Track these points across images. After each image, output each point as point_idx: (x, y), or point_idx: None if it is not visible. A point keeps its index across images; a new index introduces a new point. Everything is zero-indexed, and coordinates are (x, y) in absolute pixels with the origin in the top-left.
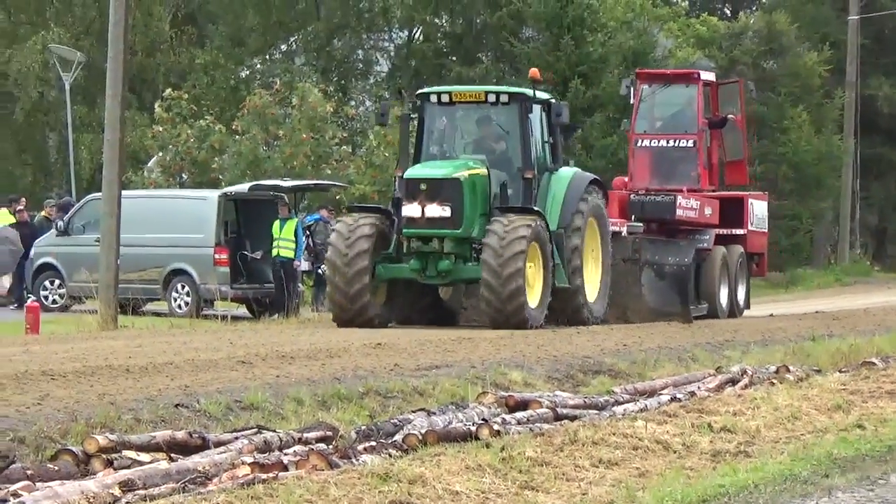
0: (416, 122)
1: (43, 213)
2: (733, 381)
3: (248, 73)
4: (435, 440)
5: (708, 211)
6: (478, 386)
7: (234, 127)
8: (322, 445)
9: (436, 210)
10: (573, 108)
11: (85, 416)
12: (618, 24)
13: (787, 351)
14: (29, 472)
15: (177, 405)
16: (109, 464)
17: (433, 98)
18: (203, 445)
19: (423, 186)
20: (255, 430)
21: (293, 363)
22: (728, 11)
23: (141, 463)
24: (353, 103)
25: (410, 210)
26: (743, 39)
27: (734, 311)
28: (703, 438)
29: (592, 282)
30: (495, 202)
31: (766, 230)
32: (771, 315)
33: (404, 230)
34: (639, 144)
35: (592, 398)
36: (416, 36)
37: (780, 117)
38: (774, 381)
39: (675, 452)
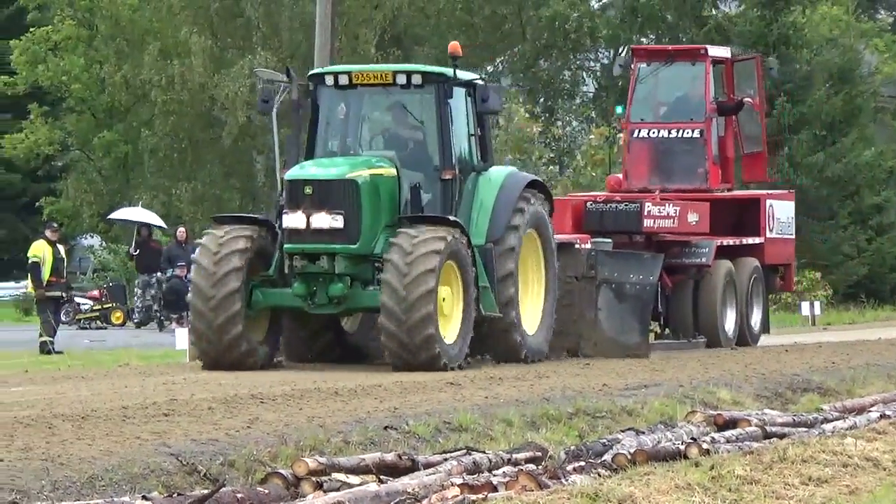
0: (310, 111)
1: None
2: None
3: None
4: (644, 459)
5: (693, 218)
6: (686, 405)
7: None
8: (531, 466)
9: (324, 220)
10: (779, 126)
11: (294, 439)
12: (823, 41)
13: None
14: (239, 495)
15: (386, 427)
16: (319, 486)
17: (328, 80)
18: (412, 467)
19: (307, 190)
20: (465, 451)
21: (501, 384)
22: None
23: (350, 485)
24: (559, 123)
25: (292, 220)
26: None
27: (746, 338)
28: None
29: (532, 309)
30: (407, 210)
31: (793, 236)
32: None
33: (285, 245)
34: (636, 135)
35: (801, 416)
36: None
37: None
38: None
39: (885, 470)
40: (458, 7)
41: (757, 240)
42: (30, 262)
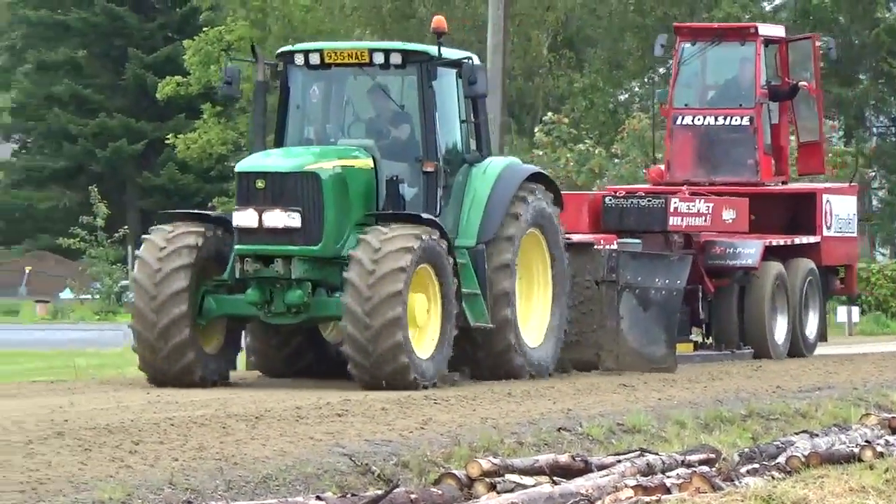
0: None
1: None
2: None
3: (626, 96)
4: (818, 462)
5: (728, 215)
6: (860, 407)
7: (613, 150)
8: (705, 468)
9: (278, 218)
10: None
11: (468, 440)
12: None
13: None
14: (413, 496)
15: (559, 428)
16: (492, 487)
17: (298, 58)
18: (585, 469)
19: (259, 184)
20: (638, 452)
21: (675, 386)
22: None
23: (524, 486)
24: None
25: (243, 217)
26: None
27: (799, 348)
28: None
29: (535, 319)
30: (386, 207)
31: (855, 234)
32: None
33: (236, 246)
34: (679, 122)
35: None
36: None
37: None
38: None
39: None
40: (631, 8)
41: (812, 239)
42: None
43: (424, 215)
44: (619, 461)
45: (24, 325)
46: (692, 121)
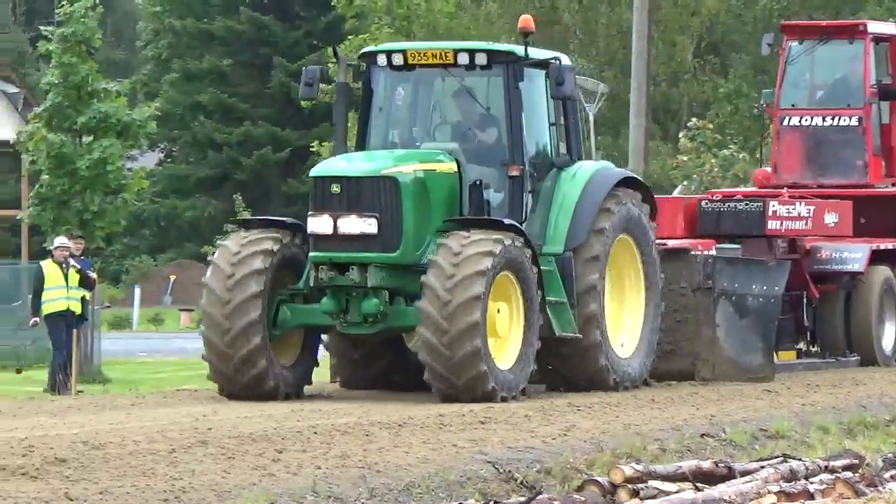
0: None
1: None
2: None
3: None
4: None
5: (830, 219)
6: None
7: (758, 156)
8: (848, 473)
9: (354, 224)
10: None
11: (611, 447)
12: None
13: None
14: (556, 502)
15: (702, 435)
16: (635, 494)
17: (381, 59)
18: (729, 475)
19: (335, 188)
20: (781, 458)
21: (818, 391)
22: None
23: (666, 493)
24: None
25: (318, 224)
26: None
27: None
28: None
29: (627, 329)
30: (471, 212)
31: None
32: None
33: (310, 253)
34: (786, 123)
35: None
36: None
37: None
38: None
39: None
40: (776, 14)
41: None
42: None
43: (507, 221)
44: (763, 467)
45: (170, 333)
46: (799, 121)
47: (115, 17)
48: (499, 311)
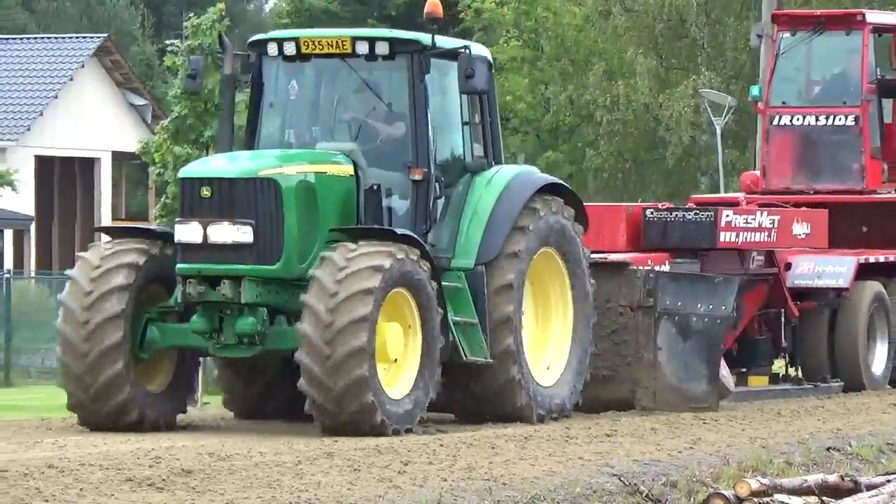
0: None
1: None
2: None
3: None
4: None
5: (800, 230)
6: None
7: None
8: None
9: (226, 232)
10: None
11: (736, 460)
12: None
13: None
14: None
15: (828, 448)
16: None
17: (272, 49)
18: (855, 489)
19: (205, 192)
20: None
21: None
22: None
23: None
24: None
25: (185, 232)
26: None
27: None
28: None
29: (551, 353)
30: (367, 220)
31: None
32: None
33: (177, 265)
34: (776, 122)
35: None
36: None
37: None
38: None
39: None
40: None
41: None
42: None
43: (401, 231)
44: (889, 481)
45: None
46: (790, 121)
47: (243, 28)
48: (390, 333)
